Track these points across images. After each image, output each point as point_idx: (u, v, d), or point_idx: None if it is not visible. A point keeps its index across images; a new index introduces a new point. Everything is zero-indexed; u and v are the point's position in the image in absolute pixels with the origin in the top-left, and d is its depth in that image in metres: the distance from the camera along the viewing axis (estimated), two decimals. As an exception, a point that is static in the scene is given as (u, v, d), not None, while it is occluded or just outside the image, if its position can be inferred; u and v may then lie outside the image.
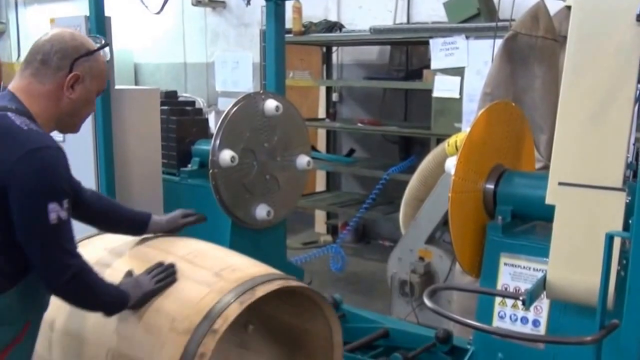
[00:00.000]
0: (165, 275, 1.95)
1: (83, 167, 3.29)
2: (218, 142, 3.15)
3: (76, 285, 1.72)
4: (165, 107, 3.92)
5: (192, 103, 4.68)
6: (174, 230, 2.26)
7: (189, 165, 3.89)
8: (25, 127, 1.66)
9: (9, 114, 1.68)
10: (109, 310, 1.87)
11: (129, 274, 1.99)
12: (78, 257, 1.74)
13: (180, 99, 4.81)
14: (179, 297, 1.97)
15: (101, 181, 3.24)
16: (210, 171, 3.18)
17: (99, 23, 3.16)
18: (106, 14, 3.22)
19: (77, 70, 1.77)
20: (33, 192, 1.62)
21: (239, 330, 2.31)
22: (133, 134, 3.34)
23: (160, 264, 2.00)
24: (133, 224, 2.16)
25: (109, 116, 3.22)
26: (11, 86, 1.79)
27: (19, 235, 1.66)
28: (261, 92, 3.45)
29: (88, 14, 3.20)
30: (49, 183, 1.63)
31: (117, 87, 3.32)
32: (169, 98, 4.35)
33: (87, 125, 3.20)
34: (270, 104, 3.23)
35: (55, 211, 1.63)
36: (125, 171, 3.32)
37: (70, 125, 1.88)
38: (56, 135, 2.94)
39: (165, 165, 3.86)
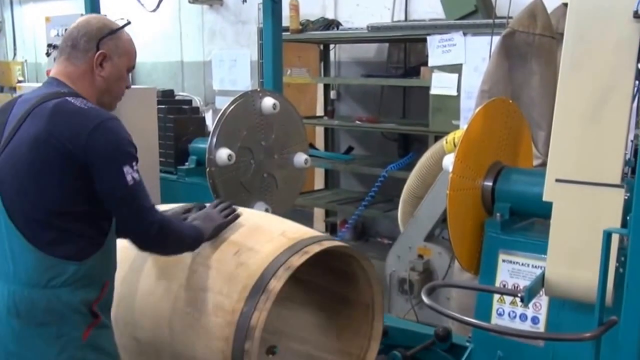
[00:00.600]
0: (231, 210, 2.18)
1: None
2: (215, 140, 3.14)
3: (163, 237, 1.93)
4: (162, 106, 3.93)
5: (189, 102, 4.69)
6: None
7: (186, 164, 3.89)
8: (85, 107, 1.83)
9: (67, 97, 1.85)
10: (191, 249, 2.07)
11: (198, 207, 2.21)
12: (157, 212, 1.92)
13: (177, 97, 4.82)
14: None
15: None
16: (208, 169, 3.18)
17: (95, 21, 3.15)
18: (101, 12, 3.21)
19: (103, 49, 1.93)
20: (108, 160, 1.80)
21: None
22: (130, 133, 3.33)
23: (220, 201, 2.23)
24: None
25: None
26: (52, 73, 1.96)
27: (106, 202, 1.84)
28: (258, 90, 3.45)
29: (84, 12, 3.19)
30: (119, 149, 1.82)
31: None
32: (166, 97, 4.35)
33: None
34: (268, 102, 3.22)
35: (130, 173, 1.81)
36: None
37: (108, 104, 2.02)
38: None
39: (163, 164, 3.86)
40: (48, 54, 3.42)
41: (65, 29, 3.23)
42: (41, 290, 1.81)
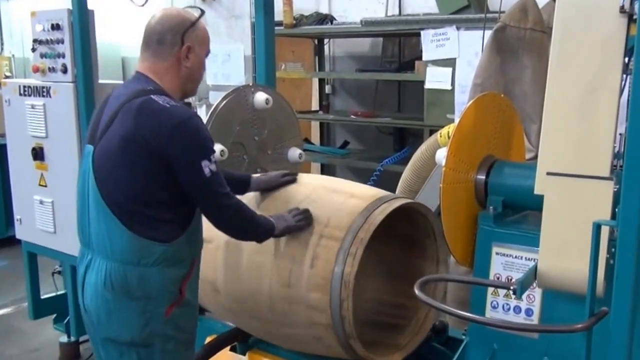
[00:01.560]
0: (304, 217, 2.37)
1: (67, 164, 3.28)
2: (208, 136, 3.16)
3: (237, 220, 2.16)
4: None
5: (182, 97, 4.68)
6: (272, 189, 2.61)
7: (179, 160, 3.89)
8: (168, 105, 2.00)
9: (152, 96, 2.01)
10: (260, 238, 2.29)
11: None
12: (233, 197, 2.15)
13: (170, 93, 4.81)
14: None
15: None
16: (201, 166, 3.20)
17: (82, 16, 3.13)
18: (89, 7, 3.20)
19: (188, 42, 2.10)
20: (188, 156, 2.00)
21: None
22: None
23: (297, 209, 2.40)
24: (237, 184, 2.48)
25: (93, 112, 3.20)
26: (139, 68, 2.13)
27: (187, 191, 2.05)
28: (250, 85, 3.46)
29: (71, 7, 3.18)
30: (199, 145, 2.01)
31: (100, 81, 3.29)
32: (158, 93, 4.35)
33: (71, 121, 3.20)
34: (260, 97, 3.24)
35: (207, 166, 2.01)
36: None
37: (191, 90, 2.22)
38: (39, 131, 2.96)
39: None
40: (34, 50, 3.39)
41: (52, 24, 3.23)
42: (134, 267, 2.02)
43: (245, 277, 2.51)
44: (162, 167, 2.00)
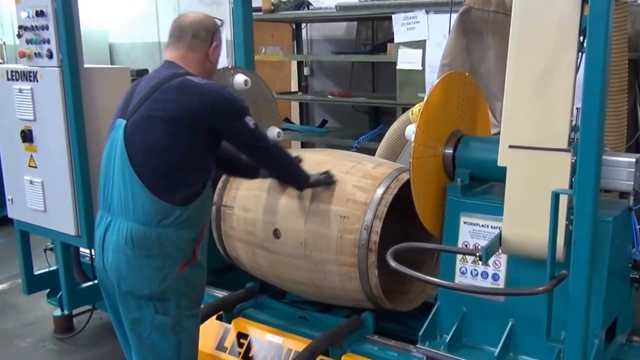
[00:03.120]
0: (328, 175, 2.65)
1: (56, 145, 3.23)
2: (190, 117, 3.12)
3: (279, 155, 2.46)
4: (138, 85, 3.87)
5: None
6: None
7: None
8: (203, 82, 2.23)
9: (187, 77, 2.23)
10: (299, 180, 2.59)
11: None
12: (271, 140, 2.48)
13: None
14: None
15: (74, 161, 3.17)
16: (183, 146, 3.16)
17: (65, 3, 3.06)
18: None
19: (216, 41, 2.35)
20: (234, 117, 2.25)
21: None
22: (104, 113, 3.24)
23: (320, 171, 2.68)
24: (247, 169, 2.69)
25: (79, 96, 3.13)
26: (168, 57, 2.33)
27: (235, 144, 2.35)
28: (230, 67, 3.42)
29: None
30: (238, 107, 2.27)
31: (86, 65, 3.22)
32: (140, 76, 4.28)
33: (58, 104, 3.15)
34: (239, 79, 3.19)
35: (249, 121, 2.28)
36: (98, 151, 3.25)
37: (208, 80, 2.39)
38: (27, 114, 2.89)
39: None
40: (19, 36, 3.31)
41: (36, 11, 3.15)
42: (153, 228, 2.16)
43: None
44: (204, 133, 2.19)
